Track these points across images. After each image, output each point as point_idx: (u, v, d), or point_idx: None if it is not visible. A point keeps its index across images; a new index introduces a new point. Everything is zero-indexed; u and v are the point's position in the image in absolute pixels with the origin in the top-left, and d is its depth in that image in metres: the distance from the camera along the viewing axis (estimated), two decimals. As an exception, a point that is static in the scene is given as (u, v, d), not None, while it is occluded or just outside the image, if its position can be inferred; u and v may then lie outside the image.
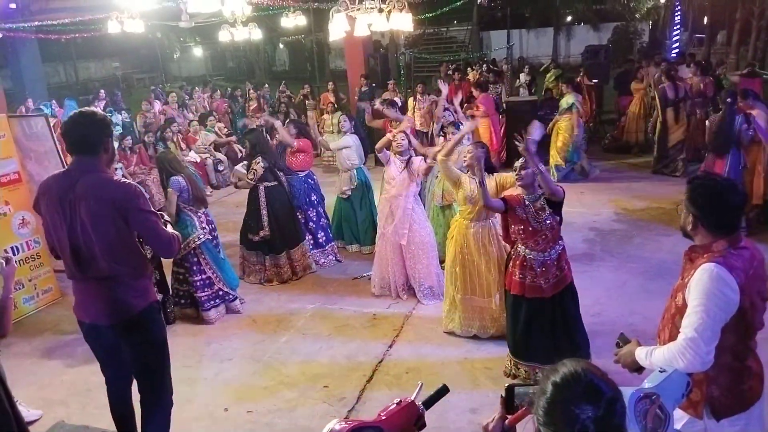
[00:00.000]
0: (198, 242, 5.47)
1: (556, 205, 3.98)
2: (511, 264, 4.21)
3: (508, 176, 4.49)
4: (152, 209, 3.09)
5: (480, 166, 4.18)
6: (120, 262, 3.06)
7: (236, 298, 5.77)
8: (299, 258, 6.40)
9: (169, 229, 3.24)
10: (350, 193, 6.94)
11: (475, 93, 10.24)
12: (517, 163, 4.01)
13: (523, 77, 14.34)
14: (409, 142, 5.69)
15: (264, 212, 6.12)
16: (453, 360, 4.68)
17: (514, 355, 4.31)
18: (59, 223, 3.02)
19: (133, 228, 3.05)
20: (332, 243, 6.93)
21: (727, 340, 2.26)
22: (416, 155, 5.71)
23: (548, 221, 3.97)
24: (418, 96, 10.63)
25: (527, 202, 4.00)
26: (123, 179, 3.11)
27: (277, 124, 6.70)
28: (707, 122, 7.27)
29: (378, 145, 5.77)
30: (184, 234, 5.37)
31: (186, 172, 5.50)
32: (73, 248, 3.02)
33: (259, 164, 6.00)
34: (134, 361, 3.31)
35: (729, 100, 6.77)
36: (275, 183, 6.18)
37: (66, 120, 3.13)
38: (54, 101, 12.14)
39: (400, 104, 9.14)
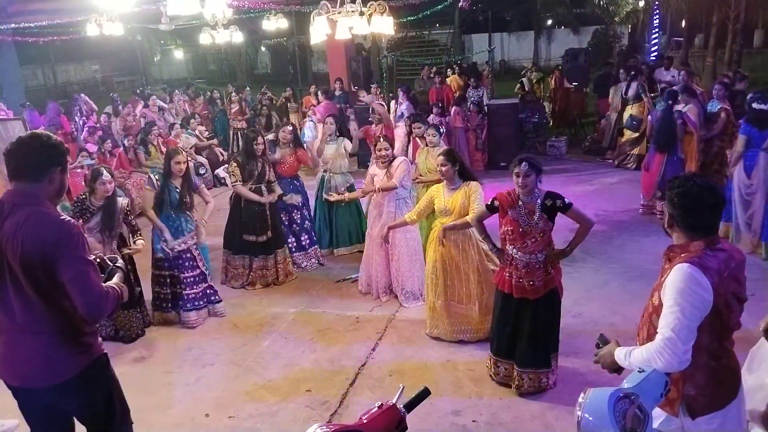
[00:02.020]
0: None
1: (551, 210, 3.92)
2: (501, 261, 4.21)
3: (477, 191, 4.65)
4: (88, 257, 2.55)
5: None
6: (58, 314, 2.57)
7: (221, 300, 5.73)
8: (282, 261, 6.38)
9: (115, 280, 2.73)
10: (346, 192, 6.93)
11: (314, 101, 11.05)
12: (518, 169, 3.86)
13: (526, 82, 14.22)
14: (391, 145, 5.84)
15: (267, 213, 6.14)
16: (436, 362, 4.68)
17: (495, 354, 4.31)
18: None
19: (60, 275, 2.47)
20: (315, 246, 6.90)
21: (703, 339, 2.29)
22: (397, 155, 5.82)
23: (540, 224, 3.91)
24: (399, 99, 10.67)
25: (521, 203, 3.95)
26: (63, 216, 2.58)
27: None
28: (649, 119, 8.10)
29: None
30: (185, 230, 5.44)
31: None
32: (4, 301, 2.56)
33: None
34: (82, 421, 2.86)
35: (670, 101, 7.47)
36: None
37: (13, 141, 2.63)
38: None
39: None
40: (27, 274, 2.49)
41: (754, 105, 6.20)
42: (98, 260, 2.80)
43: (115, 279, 2.75)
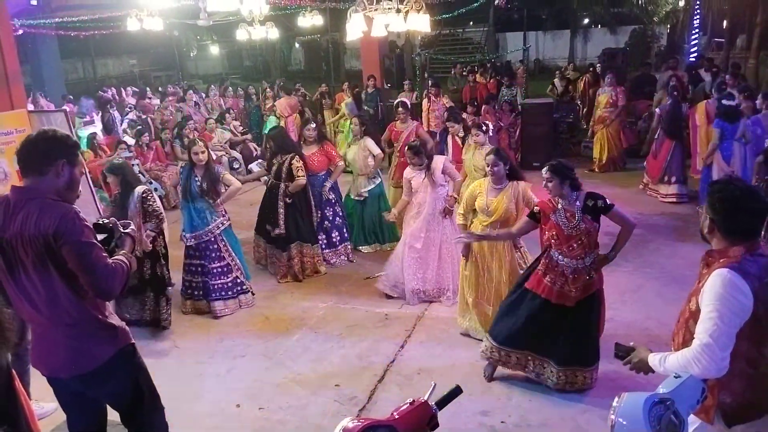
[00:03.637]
0: (222, 227, 5.59)
1: (593, 211, 3.90)
2: (540, 265, 4.08)
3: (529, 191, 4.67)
4: (89, 239, 2.53)
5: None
6: (76, 304, 2.60)
7: (249, 290, 5.81)
8: (310, 256, 6.42)
9: (124, 250, 2.76)
10: (367, 195, 6.97)
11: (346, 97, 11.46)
12: (544, 174, 3.94)
13: (558, 83, 13.85)
14: (424, 150, 5.67)
15: (281, 210, 6.18)
16: (465, 362, 4.67)
17: (502, 344, 4.18)
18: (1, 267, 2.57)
19: (69, 263, 2.50)
20: (346, 243, 6.93)
21: (741, 346, 2.24)
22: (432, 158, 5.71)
23: (583, 226, 3.88)
24: (432, 97, 10.63)
25: (560, 206, 3.94)
26: (61, 203, 2.55)
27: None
28: (657, 110, 8.82)
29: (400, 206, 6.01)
30: (204, 222, 5.49)
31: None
32: (25, 296, 2.58)
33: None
34: (112, 406, 2.93)
35: (675, 93, 8.51)
36: None
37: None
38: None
39: (409, 104, 9.14)
40: (38, 268, 2.52)
41: (724, 101, 7.11)
42: (111, 224, 2.85)
43: (125, 248, 2.78)
